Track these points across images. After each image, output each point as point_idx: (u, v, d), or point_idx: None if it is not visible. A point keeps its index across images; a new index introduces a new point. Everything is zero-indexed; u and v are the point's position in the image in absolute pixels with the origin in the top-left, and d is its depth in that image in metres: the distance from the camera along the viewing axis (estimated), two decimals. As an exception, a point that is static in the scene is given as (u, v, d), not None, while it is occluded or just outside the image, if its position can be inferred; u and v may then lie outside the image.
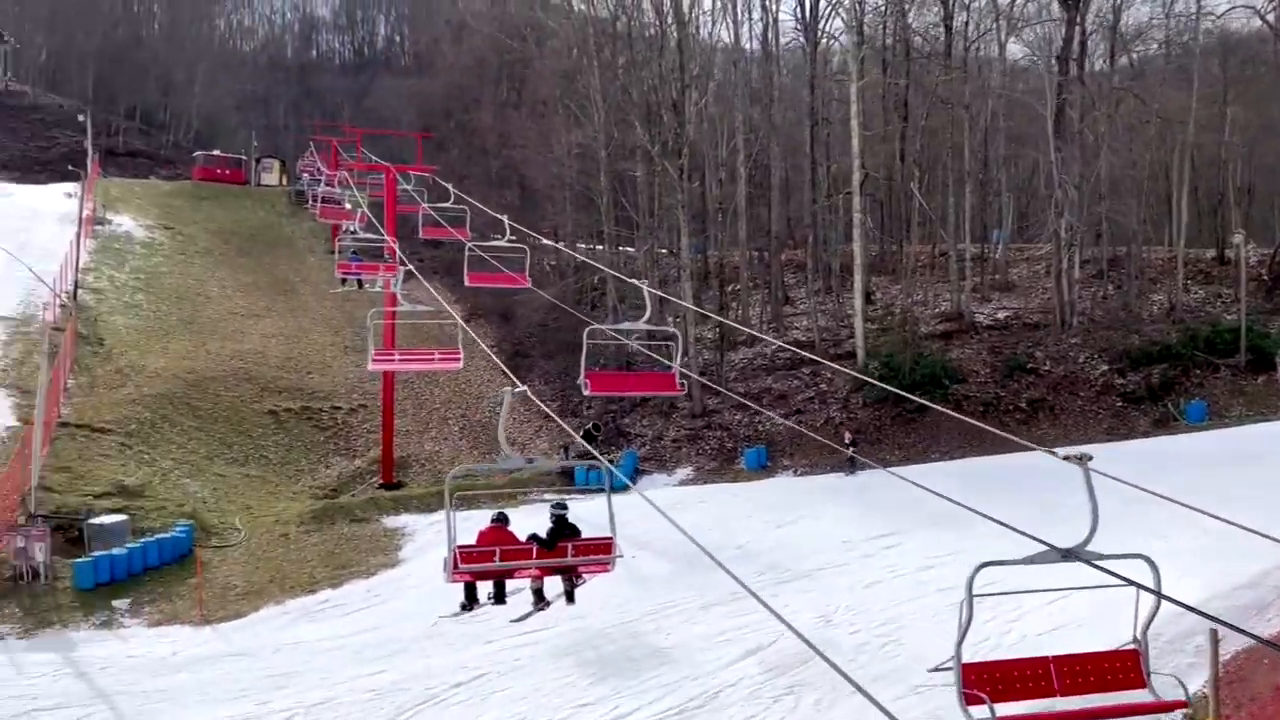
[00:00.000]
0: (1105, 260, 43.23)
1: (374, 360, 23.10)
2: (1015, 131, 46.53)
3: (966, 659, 7.38)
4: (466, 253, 21.28)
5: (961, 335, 40.64)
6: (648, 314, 13.59)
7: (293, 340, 48.35)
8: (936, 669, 8.65)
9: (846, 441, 33.21)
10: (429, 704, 17.91)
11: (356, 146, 41.84)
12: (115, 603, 24.46)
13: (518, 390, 10.71)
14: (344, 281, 35.61)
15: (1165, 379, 35.61)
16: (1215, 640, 14.03)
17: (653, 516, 28.15)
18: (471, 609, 15.99)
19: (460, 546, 10.30)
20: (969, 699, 6.97)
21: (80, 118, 69.67)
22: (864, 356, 37.99)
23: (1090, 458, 6.57)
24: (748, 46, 48.74)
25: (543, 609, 16.80)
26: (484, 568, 10.92)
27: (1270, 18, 42.70)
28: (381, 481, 37.13)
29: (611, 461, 34.96)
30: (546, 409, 17.31)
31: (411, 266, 24.72)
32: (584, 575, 14.23)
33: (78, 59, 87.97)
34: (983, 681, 7.29)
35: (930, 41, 46.13)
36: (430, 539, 30.05)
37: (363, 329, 50.48)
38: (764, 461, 35.47)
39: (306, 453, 39.38)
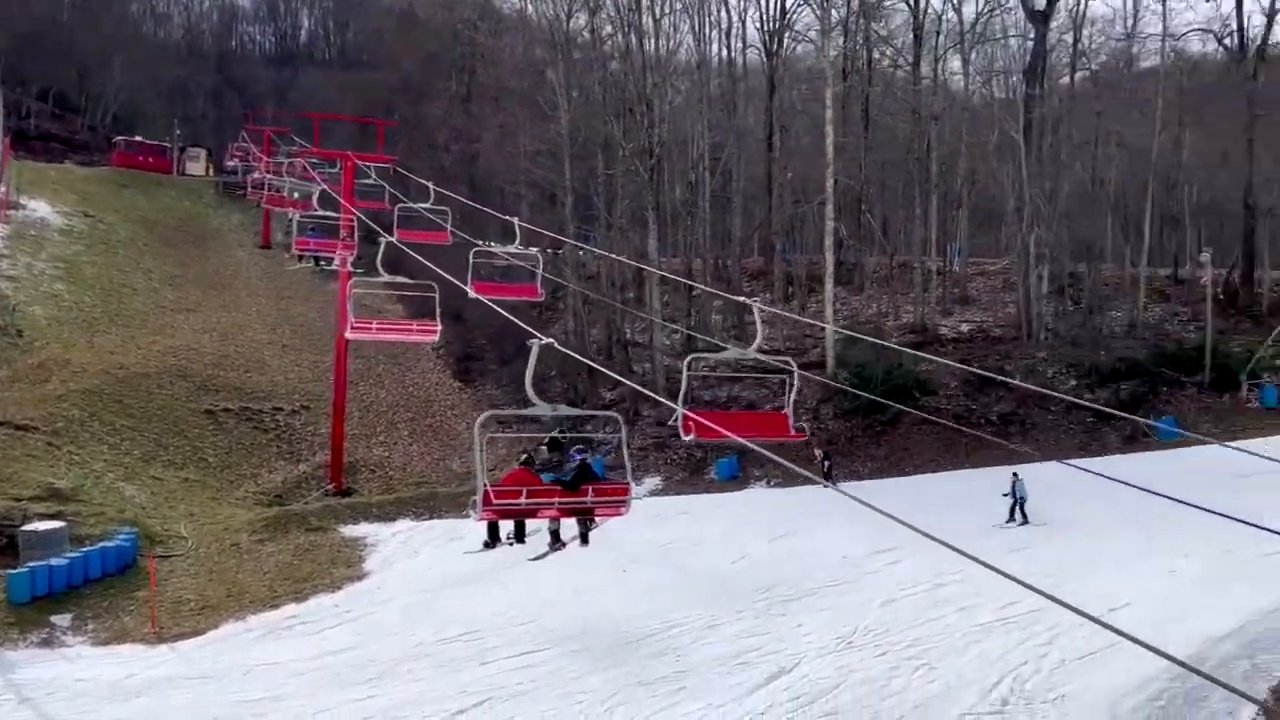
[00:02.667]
0: (1065, 276, 43.41)
1: (352, 328, 22.34)
2: (977, 147, 46.61)
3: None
4: (472, 258, 19.59)
5: (927, 348, 40.23)
6: (758, 339, 11.98)
7: (227, 337, 45.70)
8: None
9: (819, 459, 32.45)
10: (431, 734, 16.31)
11: (314, 133, 39.55)
12: (54, 618, 22.06)
13: (544, 341, 10.83)
14: (301, 258, 34.22)
15: (1134, 395, 35.72)
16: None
17: (636, 524, 26.58)
18: (494, 546, 16.77)
19: (490, 486, 10.63)
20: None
21: (-11, 97, 65.44)
22: (834, 366, 37.29)
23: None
24: (713, 50, 47.91)
25: (559, 549, 17.25)
26: (512, 505, 11.21)
27: (1227, 41, 43.68)
28: (332, 488, 35.02)
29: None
30: (590, 361, 15.59)
31: (391, 238, 22.95)
32: (598, 519, 14.52)
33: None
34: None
35: (897, 50, 45.94)
36: (395, 550, 28.31)
37: (301, 326, 48.83)
38: (735, 472, 34.43)
39: (247, 456, 36.99)
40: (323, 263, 34.62)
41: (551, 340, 12.30)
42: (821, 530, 26.86)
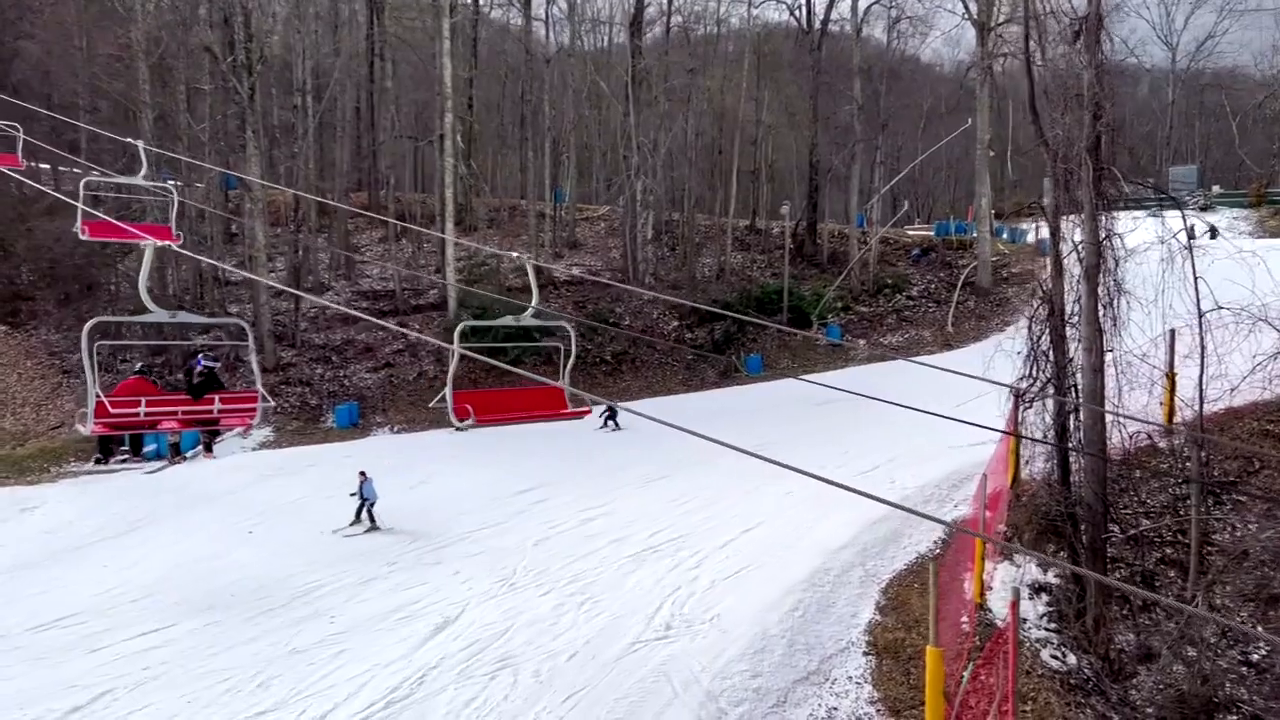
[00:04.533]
0: (663, 223, 46.17)
1: None
2: (581, 94, 47.75)
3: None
4: (82, 190, 16.13)
5: (542, 290, 40.90)
6: (534, 301, 10.80)
7: None
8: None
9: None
10: (41, 742, 13.68)
11: None
12: None
13: (162, 243, 10.61)
14: None
15: (726, 334, 39.01)
16: (935, 573, 15.35)
17: (259, 480, 24.56)
18: (107, 461, 16.42)
19: (106, 397, 10.08)
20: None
21: None
22: (455, 308, 36.64)
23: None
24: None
25: (178, 462, 17.28)
26: (128, 415, 10.51)
27: (798, 12, 48.58)
28: None
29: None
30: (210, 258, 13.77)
31: None
32: (223, 429, 14.51)
33: None
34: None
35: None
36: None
37: None
38: (355, 419, 32.74)
39: None
40: None
41: (170, 243, 11.44)
42: (458, 474, 26.42)
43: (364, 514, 22.31)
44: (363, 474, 22.31)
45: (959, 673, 14.70)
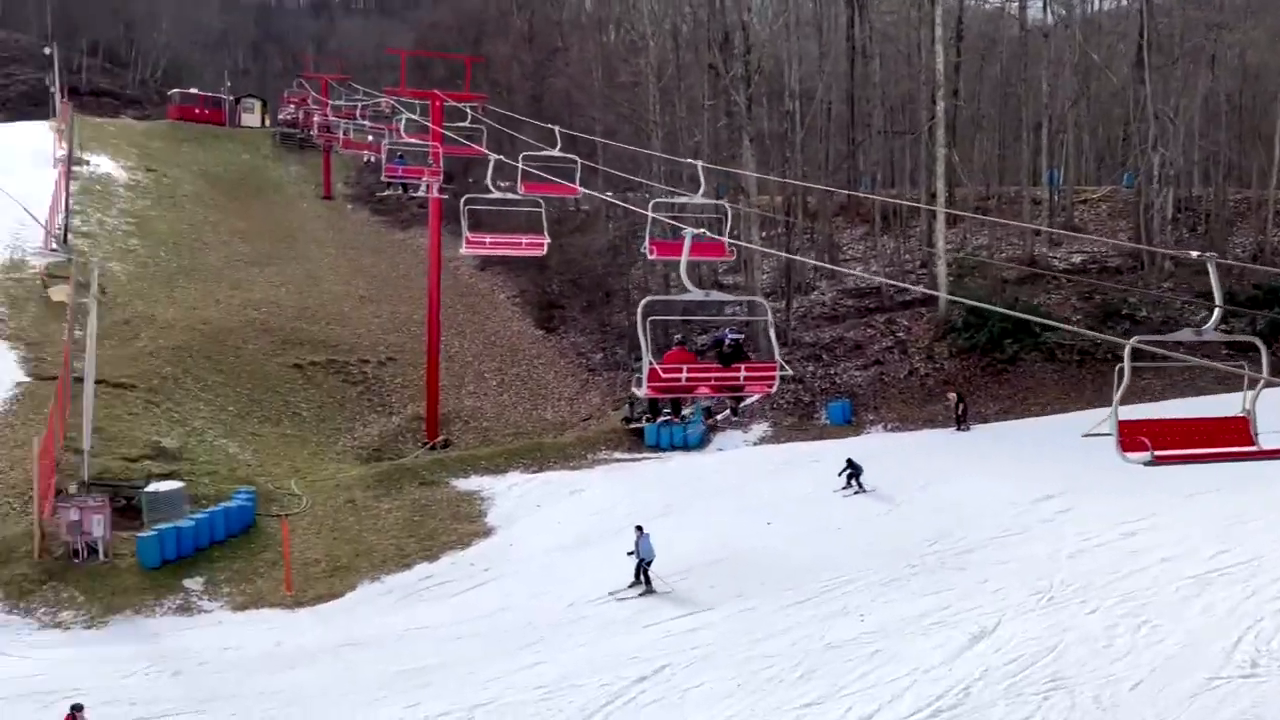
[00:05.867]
0: (1181, 201, 40.91)
1: (468, 243, 22.38)
2: (1082, 66, 43.86)
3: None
4: (651, 211, 17.65)
5: (1039, 280, 38.14)
6: (1215, 315, 8.67)
7: (304, 290, 44.74)
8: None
9: (953, 403, 30.75)
10: (617, 705, 15.06)
11: (401, 72, 37.92)
12: (187, 582, 21.15)
13: (698, 232, 11.89)
14: (389, 185, 34.62)
15: (1273, 325, 33.47)
16: None
17: (768, 474, 24.89)
18: (655, 420, 20.65)
19: (655, 364, 11.05)
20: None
21: (46, 50, 64.37)
22: (946, 302, 35.37)
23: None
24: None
25: (712, 425, 21.33)
26: (675, 380, 11.67)
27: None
28: (427, 440, 34.03)
29: (683, 420, 32.34)
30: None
31: (498, 156, 21.57)
32: (747, 394, 16.19)
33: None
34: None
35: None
36: (513, 505, 27.09)
37: (374, 278, 47.86)
38: (849, 416, 32.79)
39: (339, 409, 36.09)
40: (410, 191, 35.11)
41: (704, 231, 12.89)
42: (964, 477, 25.20)
43: (641, 574, 19.94)
44: (639, 529, 20.25)
45: None
